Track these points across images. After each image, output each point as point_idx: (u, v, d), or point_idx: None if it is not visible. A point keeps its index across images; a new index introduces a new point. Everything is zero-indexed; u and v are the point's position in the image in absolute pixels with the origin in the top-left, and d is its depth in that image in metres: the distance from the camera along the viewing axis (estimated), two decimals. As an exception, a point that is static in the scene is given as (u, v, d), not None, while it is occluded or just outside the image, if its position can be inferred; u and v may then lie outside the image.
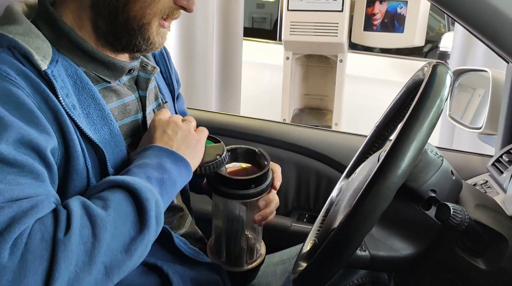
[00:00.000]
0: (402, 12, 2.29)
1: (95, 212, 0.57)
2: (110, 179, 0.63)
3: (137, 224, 0.60)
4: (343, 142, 1.38)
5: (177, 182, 0.69)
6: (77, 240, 0.54)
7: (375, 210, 0.57)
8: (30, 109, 0.60)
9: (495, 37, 0.94)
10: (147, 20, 0.71)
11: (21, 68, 0.62)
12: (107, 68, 0.74)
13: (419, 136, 0.57)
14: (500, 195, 0.96)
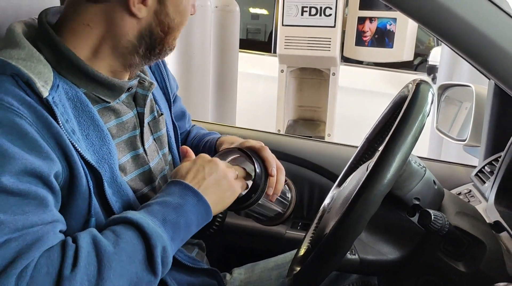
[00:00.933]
0: (392, 29, 2.38)
1: (104, 249, 0.59)
2: (128, 216, 0.66)
3: (144, 264, 0.63)
4: (335, 153, 1.43)
5: (191, 226, 0.72)
6: (82, 278, 0.55)
7: (364, 216, 0.62)
8: (32, 137, 0.61)
9: (477, 57, 1.00)
10: (175, 38, 0.80)
11: (24, 97, 0.63)
12: (107, 89, 0.76)
13: (404, 149, 0.63)
14: (482, 203, 1.01)
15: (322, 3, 2.34)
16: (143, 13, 0.73)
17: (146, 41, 0.76)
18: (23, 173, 0.58)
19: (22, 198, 0.57)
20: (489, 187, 0.99)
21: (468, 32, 0.96)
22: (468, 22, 0.94)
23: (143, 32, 0.75)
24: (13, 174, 0.57)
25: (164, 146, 0.91)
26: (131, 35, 0.74)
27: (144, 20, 0.74)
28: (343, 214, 0.63)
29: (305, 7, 2.36)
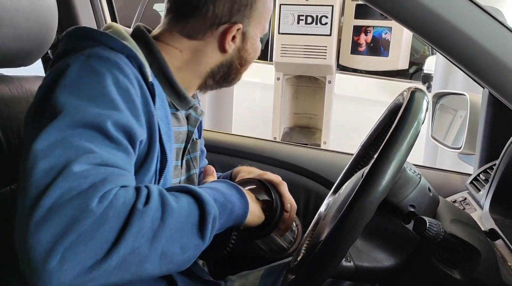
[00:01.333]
0: (387, 37, 2.39)
1: (168, 200, 0.64)
2: (185, 185, 0.72)
3: (196, 229, 0.66)
4: (331, 160, 1.44)
5: (233, 215, 0.76)
6: (151, 216, 0.60)
7: (359, 223, 0.62)
8: (136, 105, 0.71)
9: (470, 65, 1.01)
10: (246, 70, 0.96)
11: (136, 74, 0.75)
12: (180, 99, 0.89)
13: (399, 156, 0.63)
14: (477, 211, 1.02)
15: (318, 12, 2.35)
16: (229, 48, 0.88)
17: (224, 70, 0.91)
18: (123, 127, 0.67)
19: (116, 145, 0.65)
20: (484, 195, 1.00)
21: (461, 41, 0.96)
22: (462, 30, 0.95)
23: (224, 63, 0.90)
24: (116, 124, 0.66)
25: (195, 167, 1.00)
26: (214, 64, 0.90)
27: (228, 54, 0.89)
28: (338, 221, 0.63)
29: (301, 15, 2.37)
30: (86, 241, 0.55)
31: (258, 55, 0.97)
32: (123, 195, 0.60)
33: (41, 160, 0.59)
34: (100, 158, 0.61)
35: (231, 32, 0.86)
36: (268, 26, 0.98)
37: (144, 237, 0.59)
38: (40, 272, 0.53)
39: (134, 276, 0.60)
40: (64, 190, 0.56)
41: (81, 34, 0.79)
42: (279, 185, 0.90)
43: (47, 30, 1.00)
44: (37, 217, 0.55)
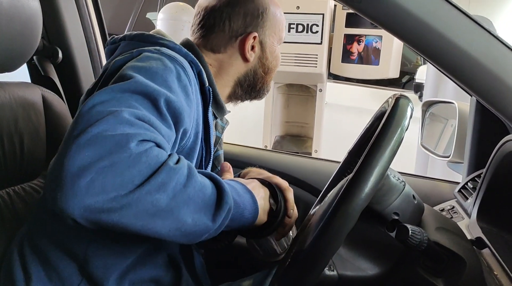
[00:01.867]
0: (378, 46, 2.40)
1: (195, 173, 0.68)
2: (209, 172, 0.75)
3: (212, 209, 0.68)
4: (319, 168, 1.43)
5: (243, 218, 0.76)
6: (176, 177, 0.64)
7: (341, 231, 0.61)
8: (191, 100, 0.79)
9: (457, 73, 1.01)
10: (271, 80, 1.08)
11: (194, 78, 0.85)
12: (218, 108, 1.00)
13: (382, 162, 0.62)
14: (465, 220, 1.01)
15: (309, 20, 2.36)
16: (250, 56, 0.99)
17: (249, 78, 1.02)
18: (174, 108, 0.72)
19: (162, 119, 0.70)
20: (471, 204, 0.99)
21: (449, 49, 0.96)
22: (449, 39, 0.95)
23: (248, 72, 1.02)
24: (168, 103, 0.71)
25: (220, 164, 1.07)
26: (240, 73, 1.02)
27: (251, 63, 1.01)
28: (320, 229, 0.62)
29: (292, 24, 2.38)
30: (116, 172, 0.59)
31: (279, 63, 1.09)
32: (158, 151, 0.64)
33: (98, 105, 0.65)
34: (147, 117, 0.66)
35: (249, 40, 0.98)
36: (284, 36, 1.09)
37: (166, 192, 0.62)
38: (67, 187, 0.57)
39: (142, 228, 0.62)
40: (111, 125, 0.62)
41: (145, 37, 0.89)
42: (286, 190, 0.90)
43: (31, 34, 0.99)
44: (80, 140, 0.60)
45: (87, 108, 0.65)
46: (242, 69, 1.02)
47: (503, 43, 0.96)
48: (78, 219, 0.59)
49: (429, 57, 1.02)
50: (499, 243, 0.83)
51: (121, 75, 0.73)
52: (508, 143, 0.82)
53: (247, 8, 0.99)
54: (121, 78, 0.73)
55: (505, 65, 0.96)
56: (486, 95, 0.99)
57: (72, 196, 0.57)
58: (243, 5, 0.99)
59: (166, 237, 0.66)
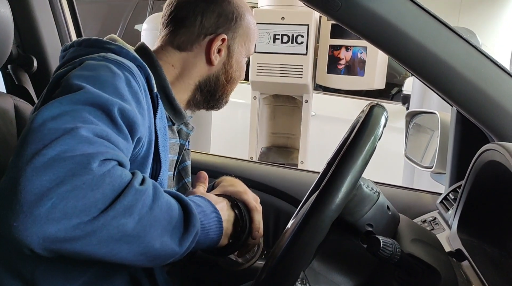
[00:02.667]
0: (363, 57, 2.40)
1: (161, 194, 0.65)
2: (175, 192, 0.72)
3: (179, 233, 0.66)
4: (302, 179, 1.41)
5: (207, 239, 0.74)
6: (142, 199, 0.61)
7: (311, 243, 0.58)
8: (143, 107, 0.76)
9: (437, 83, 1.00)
10: (232, 91, 1.04)
11: (144, 83, 0.81)
12: (176, 113, 0.95)
13: (353, 172, 0.60)
14: (446, 231, 0.99)
15: (294, 31, 2.36)
16: (215, 60, 0.96)
17: (211, 83, 0.99)
18: (128, 117, 0.69)
19: (118, 130, 0.67)
20: (452, 215, 0.98)
21: (428, 59, 0.96)
22: (428, 48, 0.94)
23: (211, 76, 0.98)
24: (122, 112, 0.68)
25: (188, 176, 1.06)
26: (201, 77, 0.98)
27: (215, 68, 0.98)
28: (289, 242, 0.59)
29: (277, 34, 2.38)
30: (78, 196, 0.55)
31: (243, 76, 1.06)
32: (121, 170, 0.61)
33: (50, 121, 0.60)
34: (105, 133, 0.63)
35: (216, 41, 0.95)
36: (254, 49, 1.07)
37: (132, 216, 0.59)
38: (26, 215, 0.53)
39: (106, 255, 0.59)
40: (69, 147, 0.58)
41: (92, 42, 0.84)
42: (253, 211, 0.87)
43: (1, 42, 0.97)
44: (36, 163, 0.55)
45: (36, 124, 0.60)
46: (204, 73, 0.98)
47: (482, 54, 0.96)
48: (37, 249, 0.55)
49: (409, 67, 1.01)
50: (479, 255, 0.81)
51: (68, 86, 0.69)
52: (487, 152, 0.81)
53: (223, 8, 0.96)
54: (68, 88, 0.68)
55: (484, 75, 0.96)
56: (466, 105, 0.99)
57: (31, 225, 0.53)
58: (219, 5, 0.96)
59: (131, 263, 0.63)
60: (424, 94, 2.15)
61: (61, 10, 1.31)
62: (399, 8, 0.94)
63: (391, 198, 0.82)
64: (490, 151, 0.79)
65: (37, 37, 1.24)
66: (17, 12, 1.02)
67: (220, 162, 1.53)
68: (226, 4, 0.97)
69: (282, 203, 1.36)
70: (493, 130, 0.97)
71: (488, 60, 0.96)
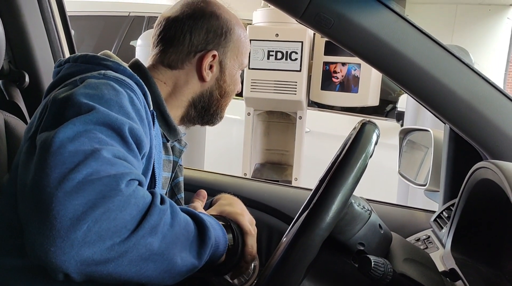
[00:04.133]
0: (356, 74, 2.41)
1: (178, 211, 0.67)
2: (187, 208, 0.75)
3: (196, 246, 0.68)
4: (295, 197, 1.40)
5: (218, 250, 0.76)
6: (164, 217, 0.63)
7: (301, 262, 0.57)
8: (145, 122, 0.76)
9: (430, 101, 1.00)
10: (226, 106, 1.03)
11: (143, 100, 0.80)
12: (170, 131, 0.96)
13: (344, 190, 0.59)
14: (439, 250, 0.98)
15: (288, 48, 2.37)
16: (207, 76, 0.95)
17: (205, 99, 0.98)
18: (136, 136, 0.69)
19: (129, 149, 0.68)
20: (446, 233, 0.97)
21: (420, 76, 0.96)
22: (420, 66, 0.95)
23: (204, 92, 0.98)
24: (131, 131, 0.69)
25: (180, 192, 1.07)
26: (195, 93, 0.97)
27: (208, 84, 0.97)
28: (279, 261, 0.58)
29: (271, 51, 2.38)
30: (110, 218, 0.57)
31: (239, 89, 1.05)
32: (141, 190, 0.63)
33: (68, 143, 0.60)
34: (122, 153, 0.65)
35: (207, 58, 0.94)
36: (248, 61, 1.05)
37: (156, 235, 0.61)
38: (63, 240, 0.54)
39: (135, 275, 0.61)
40: (93, 169, 0.59)
41: (88, 58, 0.83)
42: (246, 235, 0.86)
43: (-8, 57, 0.96)
44: (66, 188, 0.56)
45: (55, 147, 0.60)
46: (197, 89, 0.97)
47: (475, 72, 0.96)
48: (73, 273, 0.56)
49: (401, 84, 1.02)
50: (473, 275, 0.80)
51: (76, 105, 0.68)
52: (479, 170, 0.80)
53: (211, 24, 0.95)
54: (77, 108, 0.67)
55: (477, 93, 0.96)
56: (458, 123, 0.99)
57: (69, 249, 0.54)
58: (207, 21, 0.95)
59: (156, 281, 0.64)
60: (418, 111, 2.16)
61: (54, 25, 1.31)
62: (392, 26, 0.95)
63: (384, 216, 0.81)
64: (483, 169, 0.78)
65: (29, 53, 1.23)
66: (9, 26, 1.01)
67: (213, 178, 1.52)
68: (214, 19, 0.96)
69: (275, 221, 1.34)
70: (486, 147, 0.97)
71: (481, 78, 0.96)
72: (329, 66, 2.47)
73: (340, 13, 0.91)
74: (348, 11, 0.92)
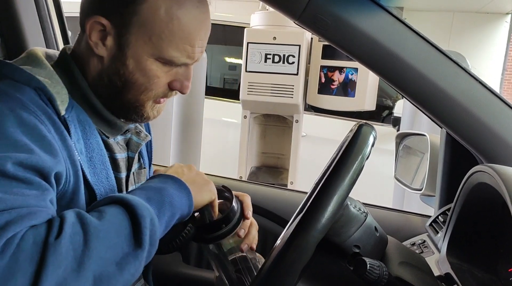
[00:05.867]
0: (353, 78, 2.42)
1: (89, 220, 0.59)
2: (110, 195, 0.67)
3: (131, 239, 0.61)
4: (290, 200, 1.39)
5: (176, 207, 0.71)
6: (67, 245, 0.55)
7: (296, 264, 0.57)
8: (49, 141, 0.65)
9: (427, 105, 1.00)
10: (141, 103, 0.79)
11: (45, 108, 0.68)
12: (108, 125, 0.81)
13: (340, 191, 0.59)
14: (435, 254, 0.98)
15: (285, 51, 2.37)
16: (100, 51, 0.75)
17: (104, 84, 0.77)
18: (32, 166, 0.60)
19: (25, 184, 0.59)
20: (441, 238, 0.96)
21: (417, 80, 0.95)
22: (417, 69, 0.94)
23: (103, 74, 0.77)
24: (22, 164, 0.60)
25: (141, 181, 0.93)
26: (94, 74, 0.78)
27: (105, 63, 0.76)
28: (274, 262, 0.57)
29: (268, 54, 2.39)
30: None
31: (153, 84, 0.77)
32: (32, 234, 0.55)
33: None
34: (4, 203, 0.56)
35: (89, 22, 0.73)
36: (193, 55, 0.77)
37: (67, 270, 0.54)
38: None
39: None
40: None
41: None
42: (241, 195, 0.87)
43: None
44: None
45: None
46: (96, 69, 0.77)
47: (472, 76, 0.96)
48: None
49: (398, 87, 1.01)
50: (469, 280, 0.80)
51: None
52: (476, 174, 0.80)
53: None
54: None
55: (474, 97, 0.96)
56: (455, 127, 0.98)
57: None
58: None
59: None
60: (415, 117, 2.16)
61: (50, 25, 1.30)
62: (389, 29, 0.94)
63: (379, 220, 0.80)
64: (480, 173, 0.78)
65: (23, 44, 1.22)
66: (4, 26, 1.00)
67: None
68: None
69: (269, 224, 1.33)
70: (482, 152, 0.96)
71: (477, 82, 0.96)
72: (327, 73, 2.48)
73: (338, 15, 0.91)
74: (345, 13, 0.91)
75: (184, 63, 0.77)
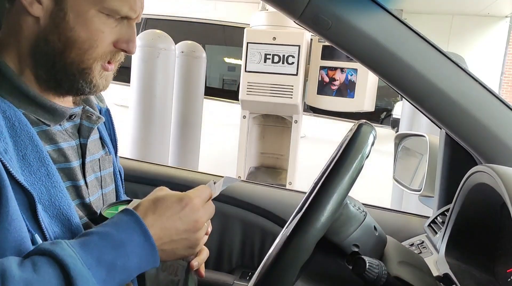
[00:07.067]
0: (353, 79, 2.42)
1: (10, 280, 0.53)
2: (55, 250, 0.58)
3: None
4: (289, 200, 1.39)
5: (131, 270, 0.62)
6: None
7: (295, 263, 0.57)
8: None
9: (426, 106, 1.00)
10: (87, 65, 0.72)
11: None
12: (47, 112, 0.73)
13: (339, 190, 0.59)
14: (433, 255, 0.98)
15: (285, 52, 2.38)
16: (36, 10, 0.68)
17: (42, 49, 0.69)
18: None
19: None
20: (440, 238, 0.96)
21: (417, 80, 0.95)
22: (417, 70, 0.94)
23: (40, 37, 0.69)
24: None
25: (108, 185, 0.87)
26: (30, 38, 0.69)
27: (42, 23, 0.69)
28: (272, 262, 0.57)
29: (268, 54, 2.39)
30: None
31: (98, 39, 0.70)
32: None
33: None
34: None
35: None
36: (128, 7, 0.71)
37: None
38: None
39: None
40: None
41: None
42: None
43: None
44: None
45: None
46: (32, 31, 0.69)
47: (471, 77, 0.96)
48: None
49: (397, 87, 1.01)
50: (467, 280, 0.80)
51: None
52: (475, 175, 0.80)
53: None
54: None
55: (473, 98, 0.96)
56: (454, 127, 0.98)
57: None
58: None
59: None
60: (413, 118, 2.17)
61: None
62: (390, 29, 0.94)
63: (378, 220, 0.80)
64: (479, 173, 0.78)
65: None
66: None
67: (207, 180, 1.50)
68: None
69: (268, 223, 1.33)
70: (481, 152, 0.96)
71: (477, 83, 0.96)
72: (328, 72, 2.47)
73: (338, 15, 0.91)
74: (346, 13, 0.91)
75: (126, 15, 0.72)
